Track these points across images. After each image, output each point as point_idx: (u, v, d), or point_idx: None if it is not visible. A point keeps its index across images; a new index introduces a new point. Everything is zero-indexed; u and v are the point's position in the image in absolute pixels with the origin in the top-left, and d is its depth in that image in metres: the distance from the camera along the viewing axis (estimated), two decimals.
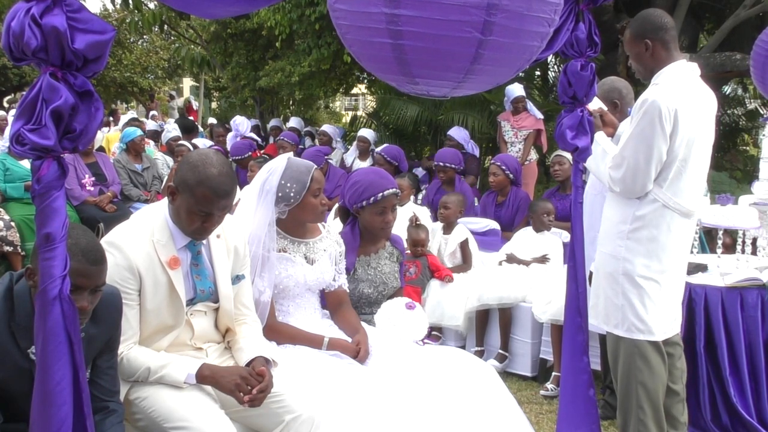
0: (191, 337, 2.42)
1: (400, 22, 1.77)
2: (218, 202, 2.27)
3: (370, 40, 1.87)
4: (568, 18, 2.54)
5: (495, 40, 1.82)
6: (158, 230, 2.33)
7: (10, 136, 1.60)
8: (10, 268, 5.65)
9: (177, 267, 2.33)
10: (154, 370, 2.25)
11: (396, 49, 1.84)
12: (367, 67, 2.06)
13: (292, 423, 2.29)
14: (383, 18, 1.78)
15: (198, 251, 2.42)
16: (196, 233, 2.34)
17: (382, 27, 1.81)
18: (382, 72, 2.03)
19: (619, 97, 3.65)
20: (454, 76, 1.92)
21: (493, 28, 1.79)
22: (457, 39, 1.79)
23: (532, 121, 7.55)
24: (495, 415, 2.62)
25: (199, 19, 11.99)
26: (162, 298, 2.31)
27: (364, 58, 2.02)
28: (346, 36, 1.97)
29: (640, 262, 2.91)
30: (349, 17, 1.89)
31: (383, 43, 1.84)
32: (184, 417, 2.17)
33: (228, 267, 2.48)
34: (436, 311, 4.60)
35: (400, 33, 1.79)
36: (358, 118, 12.35)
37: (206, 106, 22.17)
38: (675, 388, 3.10)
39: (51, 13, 1.53)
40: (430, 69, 1.90)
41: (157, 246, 2.30)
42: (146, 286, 2.28)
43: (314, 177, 2.76)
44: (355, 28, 1.90)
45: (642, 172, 2.85)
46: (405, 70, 1.91)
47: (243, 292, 2.55)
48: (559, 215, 5.15)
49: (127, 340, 2.27)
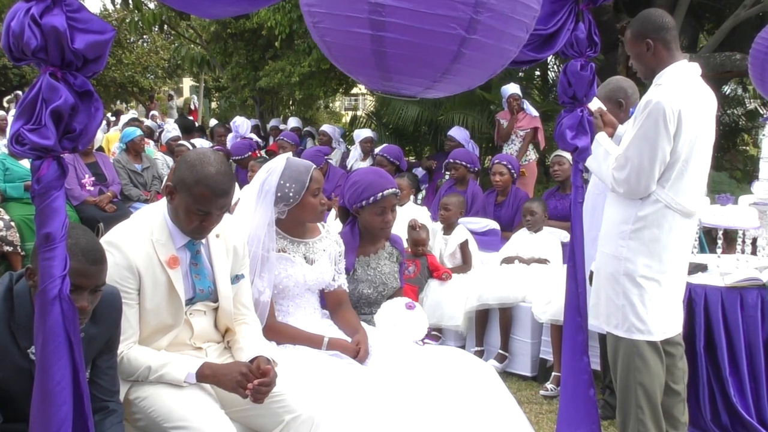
0: (191, 337, 2.42)
1: (384, 13, 1.71)
2: (216, 201, 2.26)
3: (348, 29, 1.80)
4: (568, 18, 2.54)
5: (478, 40, 1.79)
6: (157, 230, 2.33)
7: (10, 136, 1.60)
8: (10, 268, 5.65)
9: (176, 266, 2.33)
10: (155, 369, 2.25)
11: (375, 41, 1.77)
12: (339, 59, 1.97)
13: (291, 423, 2.29)
14: (366, 8, 1.72)
15: (197, 251, 2.41)
16: (194, 232, 2.34)
17: (363, 17, 1.74)
18: (354, 65, 1.95)
19: (624, 97, 3.65)
20: (432, 74, 1.87)
21: (478, 27, 1.77)
22: (441, 35, 1.75)
23: (528, 120, 7.57)
24: (495, 415, 2.62)
25: (199, 19, 12.00)
26: (161, 298, 2.31)
27: (337, 50, 1.93)
28: (319, 25, 1.88)
29: (642, 262, 2.91)
30: (326, 4, 1.82)
31: (362, 33, 1.77)
32: (183, 417, 2.17)
33: (227, 267, 2.48)
34: (435, 311, 4.60)
35: (382, 24, 1.73)
36: (358, 118, 12.35)
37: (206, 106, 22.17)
38: (676, 388, 3.10)
39: (51, 13, 1.53)
40: (408, 64, 1.83)
41: (156, 245, 2.30)
42: (145, 286, 2.28)
43: (313, 177, 2.76)
44: (331, 16, 1.82)
45: (646, 172, 2.85)
46: (382, 64, 1.84)
47: (242, 291, 2.55)
48: (559, 215, 5.15)
49: (127, 339, 2.27)
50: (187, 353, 2.39)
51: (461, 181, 6.07)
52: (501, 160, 5.86)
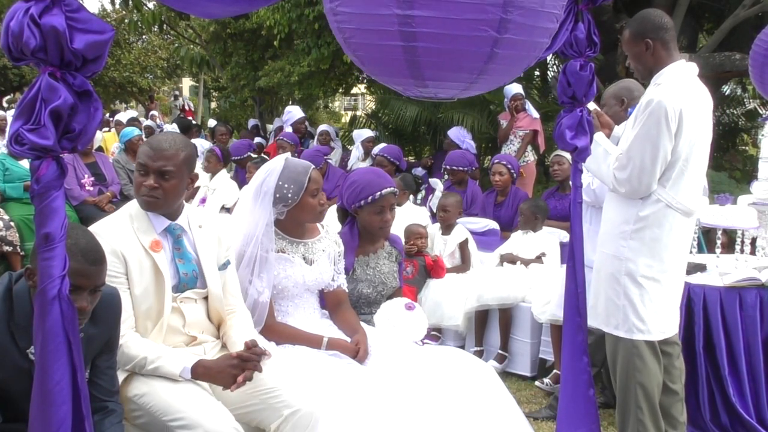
0: (183, 324, 2.44)
1: (414, 24, 1.73)
2: (152, 154, 2.36)
3: (380, 43, 1.83)
4: (568, 18, 2.54)
5: (510, 38, 1.80)
6: (136, 218, 2.41)
7: (9, 136, 1.60)
8: (10, 268, 5.64)
9: (159, 249, 2.38)
10: (150, 359, 2.27)
11: (408, 52, 1.80)
12: (373, 70, 2.01)
13: (290, 417, 2.29)
14: (395, 20, 1.74)
15: (178, 235, 2.46)
16: (142, 196, 2.39)
17: (393, 29, 1.76)
18: (389, 75, 1.99)
19: (627, 95, 3.65)
20: (467, 77, 1.89)
21: (509, 26, 1.77)
22: (473, 38, 1.76)
23: (528, 121, 7.57)
24: (495, 415, 2.62)
25: (198, 19, 11.99)
26: (148, 282, 2.34)
27: (370, 62, 1.97)
28: (350, 40, 1.92)
29: (644, 262, 2.91)
30: (355, 20, 1.85)
31: (394, 45, 1.80)
32: (180, 409, 2.18)
33: (213, 253, 2.52)
34: (435, 311, 4.60)
35: (413, 35, 1.75)
36: (357, 118, 12.35)
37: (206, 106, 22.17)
38: (674, 388, 3.10)
39: (50, 13, 1.53)
40: (442, 71, 1.86)
41: (137, 232, 2.37)
42: (132, 270, 2.32)
43: (312, 177, 2.76)
44: (362, 31, 1.85)
45: (648, 172, 2.85)
46: (416, 73, 1.86)
47: (229, 280, 2.58)
48: (558, 215, 5.16)
49: (123, 322, 2.28)
50: (184, 347, 2.41)
51: (460, 182, 6.08)
52: (501, 160, 5.85)
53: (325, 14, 1.98)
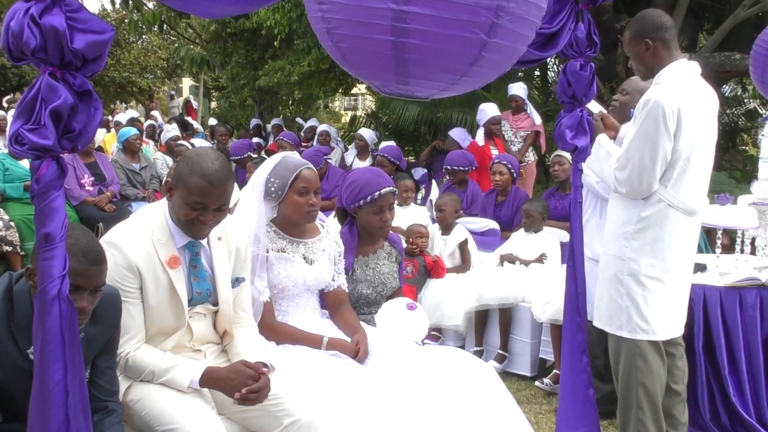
0: (190, 340, 2.41)
1: (408, 19, 1.73)
2: (212, 192, 2.21)
3: (368, 36, 1.81)
4: (569, 18, 2.54)
5: (497, 43, 1.81)
6: (158, 229, 2.31)
7: (9, 136, 1.60)
8: (10, 268, 5.64)
9: (177, 266, 2.31)
10: (159, 373, 2.25)
11: (397, 47, 1.79)
12: (354, 64, 1.97)
13: (290, 427, 2.27)
14: (389, 14, 1.74)
15: (197, 252, 2.40)
16: (192, 227, 2.29)
17: (385, 23, 1.76)
18: (371, 70, 1.96)
19: (631, 93, 3.65)
20: (450, 77, 1.89)
21: (498, 30, 1.79)
22: (463, 39, 1.77)
23: (530, 123, 7.57)
24: (495, 415, 2.62)
25: (198, 19, 12.00)
26: (163, 298, 2.30)
27: (353, 55, 1.93)
28: (335, 31, 1.87)
29: (646, 261, 2.91)
30: (344, 11, 1.82)
31: (383, 40, 1.79)
32: (174, 419, 2.15)
33: (228, 270, 2.46)
34: (435, 311, 4.60)
35: (405, 31, 1.75)
36: (357, 118, 12.35)
37: (206, 105, 22.16)
38: (676, 389, 3.10)
39: (50, 13, 1.53)
40: (428, 69, 1.86)
41: (156, 245, 2.29)
42: (147, 285, 2.27)
43: (300, 175, 2.74)
44: (350, 23, 1.83)
45: (648, 171, 2.85)
46: (400, 69, 1.85)
47: (242, 296, 2.53)
48: (559, 215, 5.15)
49: (133, 338, 2.26)
50: (186, 355, 2.38)
51: (460, 183, 6.09)
52: (501, 159, 5.85)
53: (304, 2, 1.94)
